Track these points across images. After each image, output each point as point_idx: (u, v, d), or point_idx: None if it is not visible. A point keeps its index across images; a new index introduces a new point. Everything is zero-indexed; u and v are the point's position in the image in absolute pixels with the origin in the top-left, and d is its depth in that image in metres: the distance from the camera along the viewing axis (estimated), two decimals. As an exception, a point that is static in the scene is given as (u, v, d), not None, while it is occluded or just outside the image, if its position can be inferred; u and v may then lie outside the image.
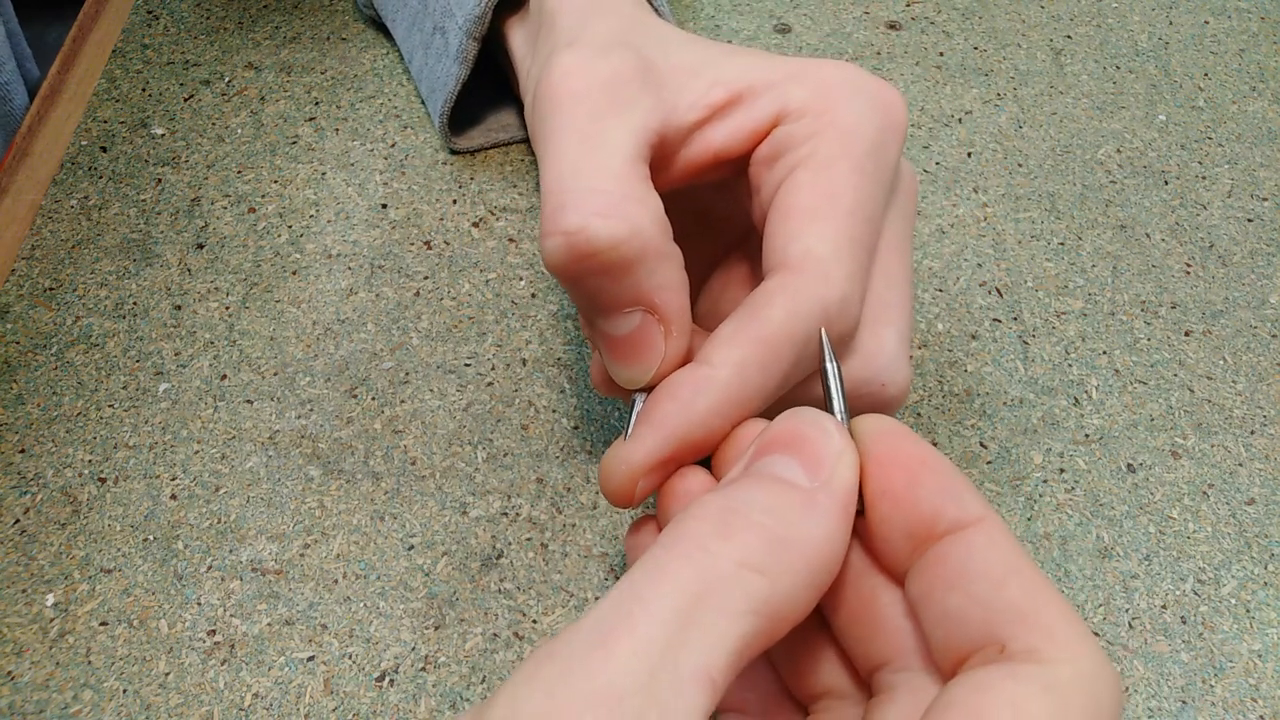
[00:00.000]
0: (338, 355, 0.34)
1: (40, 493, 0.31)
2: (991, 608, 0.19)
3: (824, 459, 0.20)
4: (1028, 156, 0.42)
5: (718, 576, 0.18)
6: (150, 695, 0.27)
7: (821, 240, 0.24)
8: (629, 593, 0.18)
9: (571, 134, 0.24)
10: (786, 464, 0.20)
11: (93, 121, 0.41)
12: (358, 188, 0.39)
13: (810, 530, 0.19)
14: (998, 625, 0.18)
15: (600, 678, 0.16)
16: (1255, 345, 0.36)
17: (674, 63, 0.26)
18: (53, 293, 0.35)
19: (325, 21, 0.45)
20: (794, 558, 0.19)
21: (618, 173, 0.23)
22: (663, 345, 0.24)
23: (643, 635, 0.17)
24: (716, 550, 0.18)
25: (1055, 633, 0.18)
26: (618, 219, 0.22)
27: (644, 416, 0.23)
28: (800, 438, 0.21)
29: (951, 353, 0.35)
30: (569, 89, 0.24)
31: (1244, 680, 0.29)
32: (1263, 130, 0.43)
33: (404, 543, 0.30)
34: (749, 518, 0.19)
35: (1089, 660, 0.18)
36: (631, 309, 0.23)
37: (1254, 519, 0.32)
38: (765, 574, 0.18)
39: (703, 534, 0.18)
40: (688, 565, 0.18)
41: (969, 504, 0.20)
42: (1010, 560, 0.19)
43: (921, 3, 0.48)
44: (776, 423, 0.21)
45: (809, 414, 0.21)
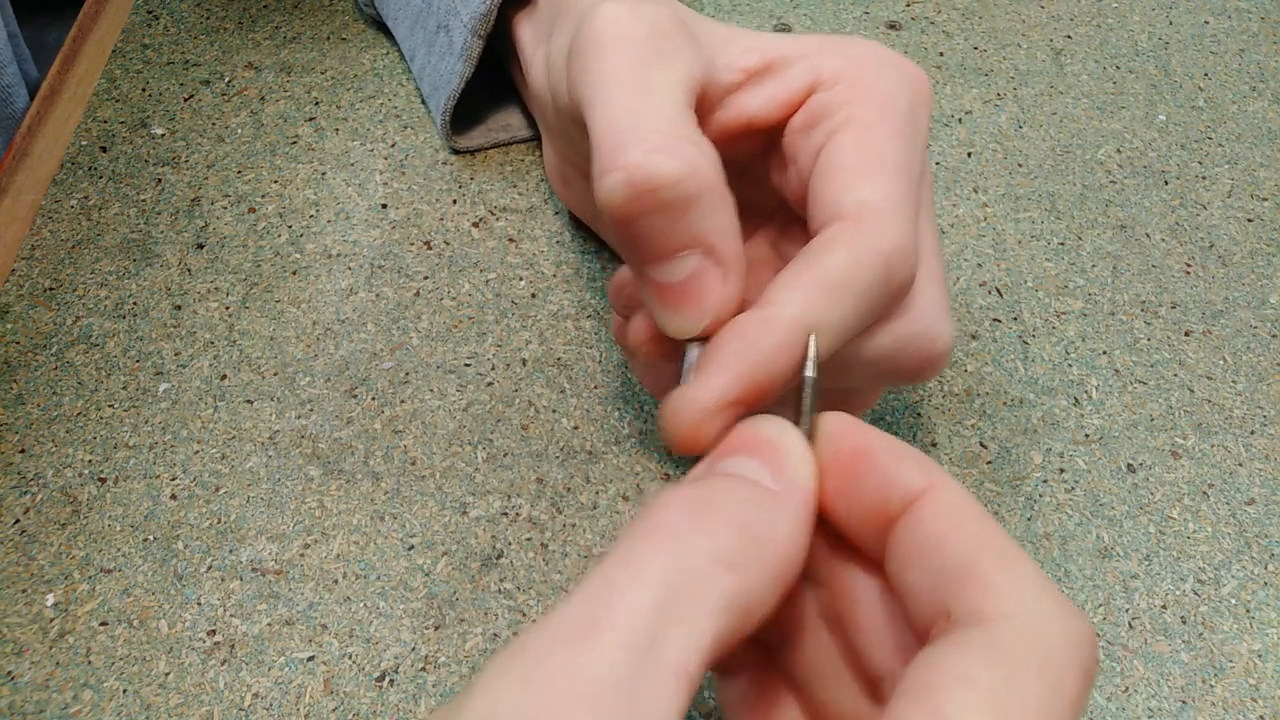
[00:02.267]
0: (338, 355, 0.34)
1: (40, 493, 0.31)
2: (936, 574, 0.18)
3: (786, 461, 0.20)
4: (1028, 156, 0.42)
5: (694, 570, 0.18)
6: (150, 695, 0.27)
7: (875, 192, 0.24)
8: (605, 584, 0.18)
9: (624, 76, 0.24)
10: (750, 465, 0.20)
11: (93, 121, 0.41)
12: (358, 188, 0.39)
13: (778, 528, 0.19)
14: (945, 591, 0.18)
15: (580, 671, 0.16)
16: (1255, 345, 0.36)
17: (705, 29, 0.27)
18: (53, 293, 0.35)
19: (325, 21, 0.45)
20: (764, 554, 0.19)
21: (672, 115, 0.23)
22: (720, 289, 0.23)
23: (622, 628, 0.17)
24: (692, 543, 0.18)
25: (998, 589, 0.18)
26: (679, 156, 0.23)
27: (708, 359, 0.22)
28: (762, 441, 0.21)
29: (951, 352, 0.35)
30: (616, 34, 0.24)
31: (1244, 680, 0.29)
32: (1263, 130, 0.43)
33: (404, 543, 0.30)
34: (723, 512, 0.19)
35: (1044, 619, 0.17)
36: (688, 252, 0.23)
37: (1254, 519, 0.32)
38: (738, 570, 0.18)
39: (678, 525, 0.18)
40: (664, 557, 0.18)
41: (911, 477, 0.20)
42: (953, 521, 0.19)
43: (921, 3, 0.48)
44: (738, 428, 0.22)
45: (770, 420, 0.21)
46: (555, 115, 0.30)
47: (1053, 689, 0.17)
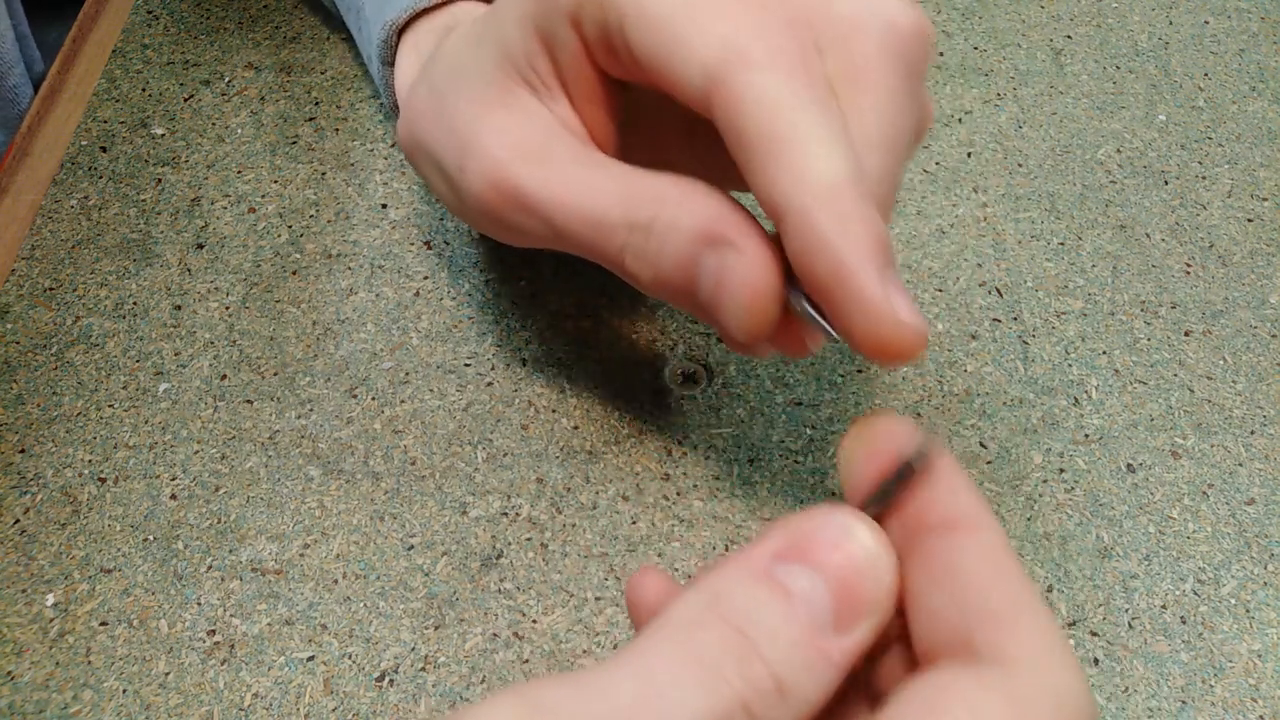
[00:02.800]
0: (338, 355, 0.34)
1: (40, 493, 0.31)
2: (970, 609, 0.18)
3: (858, 606, 0.18)
4: (1028, 156, 0.42)
5: (725, 711, 0.17)
6: (150, 695, 0.27)
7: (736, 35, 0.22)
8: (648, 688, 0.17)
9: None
10: (817, 588, 0.18)
11: (93, 121, 0.41)
12: (358, 188, 0.39)
13: (812, 685, 0.18)
14: (973, 627, 0.18)
15: None
16: (1255, 345, 0.36)
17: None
18: (53, 293, 0.35)
19: (325, 22, 0.45)
20: (789, 710, 0.18)
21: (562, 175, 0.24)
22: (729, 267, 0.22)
23: None
24: (734, 687, 0.17)
25: (1028, 641, 0.18)
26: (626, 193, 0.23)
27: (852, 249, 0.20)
28: (845, 571, 0.19)
29: (951, 353, 0.35)
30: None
31: (1244, 680, 0.29)
32: (1263, 130, 0.43)
33: (404, 543, 0.30)
34: (764, 653, 0.18)
35: (1059, 674, 0.17)
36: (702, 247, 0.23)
37: (1254, 519, 0.32)
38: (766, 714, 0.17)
39: (726, 661, 0.17)
40: (708, 693, 0.17)
41: (963, 503, 0.19)
42: (996, 566, 0.19)
43: (921, 3, 0.48)
44: (819, 521, 0.19)
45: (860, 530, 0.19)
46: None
47: None
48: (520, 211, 0.26)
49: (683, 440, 0.33)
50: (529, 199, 0.25)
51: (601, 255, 0.25)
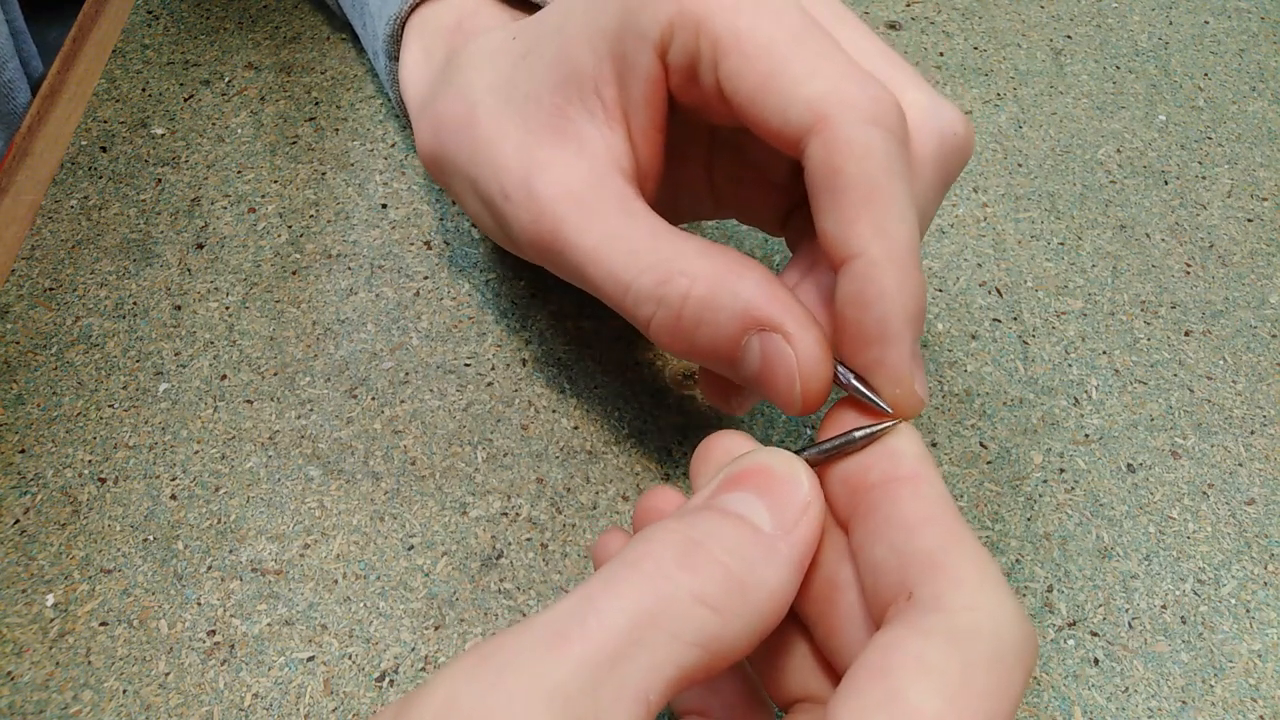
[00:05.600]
0: (338, 355, 0.34)
1: (40, 493, 0.31)
2: (905, 556, 0.19)
3: (791, 507, 0.20)
4: (1028, 156, 0.42)
5: (673, 604, 0.18)
6: (150, 695, 0.27)
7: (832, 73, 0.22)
8: (585, 602, 0.18)
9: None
10: (752, 504, 0.20)
11: (93, 121, 0.41)
12: (358, 188, 0.39)
13: (766, 577, 0.19)
14: (910, 573, 0.19)
15: (547, 677, 0.17)
16: (1255, 345, 0.36)
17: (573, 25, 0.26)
18: (53, 293, 0.35)
19: (325, 21, 0.45)
20: (747, 601, 0.19)
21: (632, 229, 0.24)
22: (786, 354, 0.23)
23: (594, 644, 0.17)
24: (676, 579, 0.18)
25: (962, 581, 0.18)
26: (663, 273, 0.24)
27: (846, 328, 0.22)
28: (771, 479, 0.20)
29: (951, 353, 0.35)
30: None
31: (1244, 680, 0.29)
32: (1263, 130, 0.43)
33: (404, 543, 0.30)
34: (712, 553, 0.19)
35: (996, 608, 0.18)
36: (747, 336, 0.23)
37: (1254, 519, 0.32)
38: (718, 612, 0.18)
39: (665, 559, 0.19)
40: (647, 586, 0.18)
41: (901, 459, 0.20)
42: (930, 510, 0.19)
43: (921, 3, 0.48)
44: (748, 457, 0.21)
45: (782, 455, 0.21)
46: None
47: (1002, 684, 0.17)
48: (554, 254, 0.26)
49: (683, 440, 0.33)
50: (567, 247, 0.25)
51: (627, 316, 0.25)
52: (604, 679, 0.17)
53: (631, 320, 0.25)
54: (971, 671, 0.17)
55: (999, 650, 0.18)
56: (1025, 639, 0.18)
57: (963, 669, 0.17)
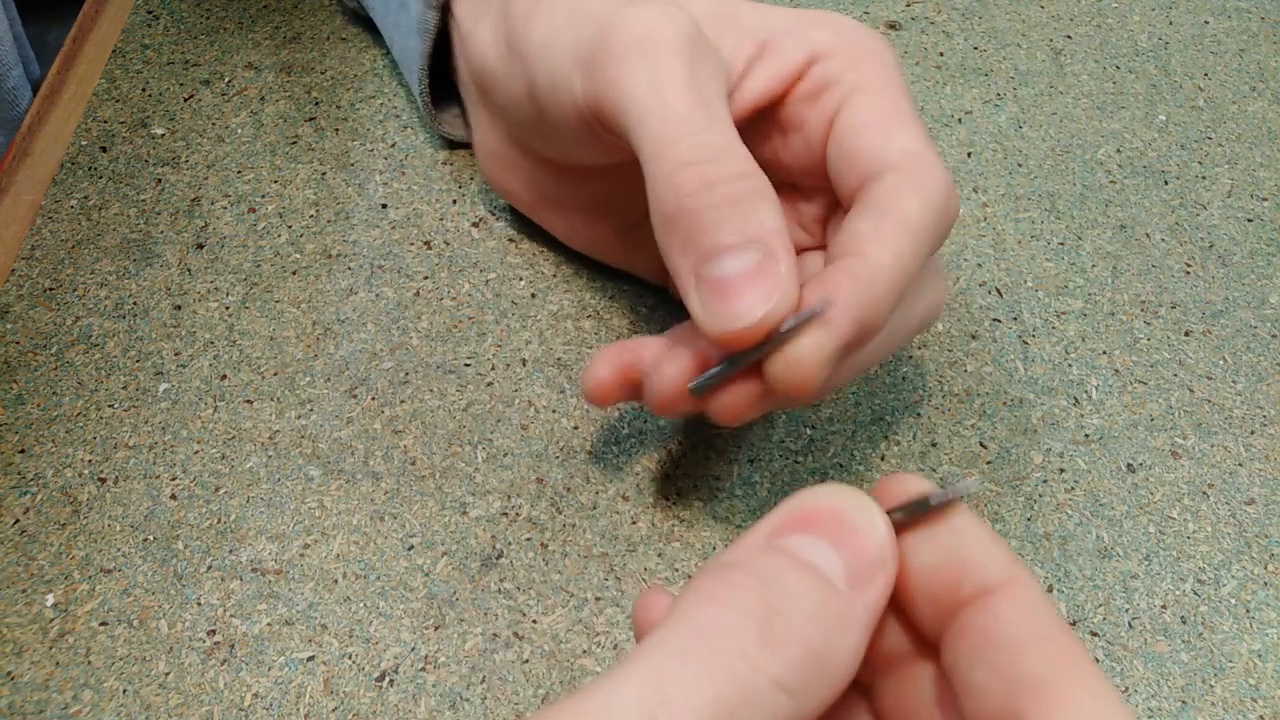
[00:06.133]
0: (338, 355, 0.34)
1: (40, 493, 0.31)
2: (1011, 680, 0.17)
3: (868, 560, 0.18)
4: (1028, 156, 0.42)
5: (754, 693, 0.17)
6: (150, 695, 0.27)
7: (915, 139, 0.26)
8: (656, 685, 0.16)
9: (681, 87, 0.25)
10: (825, 554, 0.18)
11: (93, 121, 0.41)
12: (358, 188, 0.39)
13: (843, 644, 0.18)
14: (1016, 697, 0.17)
15: None
16: (1255, 345, 0.36)
17: (695, 16, 0.28)
18: (53, 293, 0.35)
19: (325, 21, 0.45)
20: (823, 675, 0.17)
21: (727, 123, 0.25)
22: (780, 276, 0.24)
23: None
24: (759, 664, 0.17)
25: (1076, 709, 0.17)
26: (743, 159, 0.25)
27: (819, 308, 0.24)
28: (844, 524, 0.19)
29: (951, 353, 0.35)
30: (662, 44, 0.26)
31: (1244, 680, 0.29)
32: (1263, 130, 0.43)
33: (404, 543, 0.30)
34: (793, 625, 0.17)
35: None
36: (748, 246, 0.24)
37: (1254, 519, 0.32)
38: (795, 695, 0.17)
39: (744, 635, 0.17)
40: (723, 671, 0.17)
41: (992, 566, 0.18)
42: (1034, 627, 0.18)
43: (921, 3, 0.48)
44: (814, 494, 0.19)
45: (855, 497, 0.19)
46: (528, 102, 0.30)
47: None
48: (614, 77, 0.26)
49: (683, 440, 0.33)
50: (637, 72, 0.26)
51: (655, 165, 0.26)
52: None
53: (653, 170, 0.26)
54: None
55: None
56: None
57: None
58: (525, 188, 0.35)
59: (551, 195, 0.35)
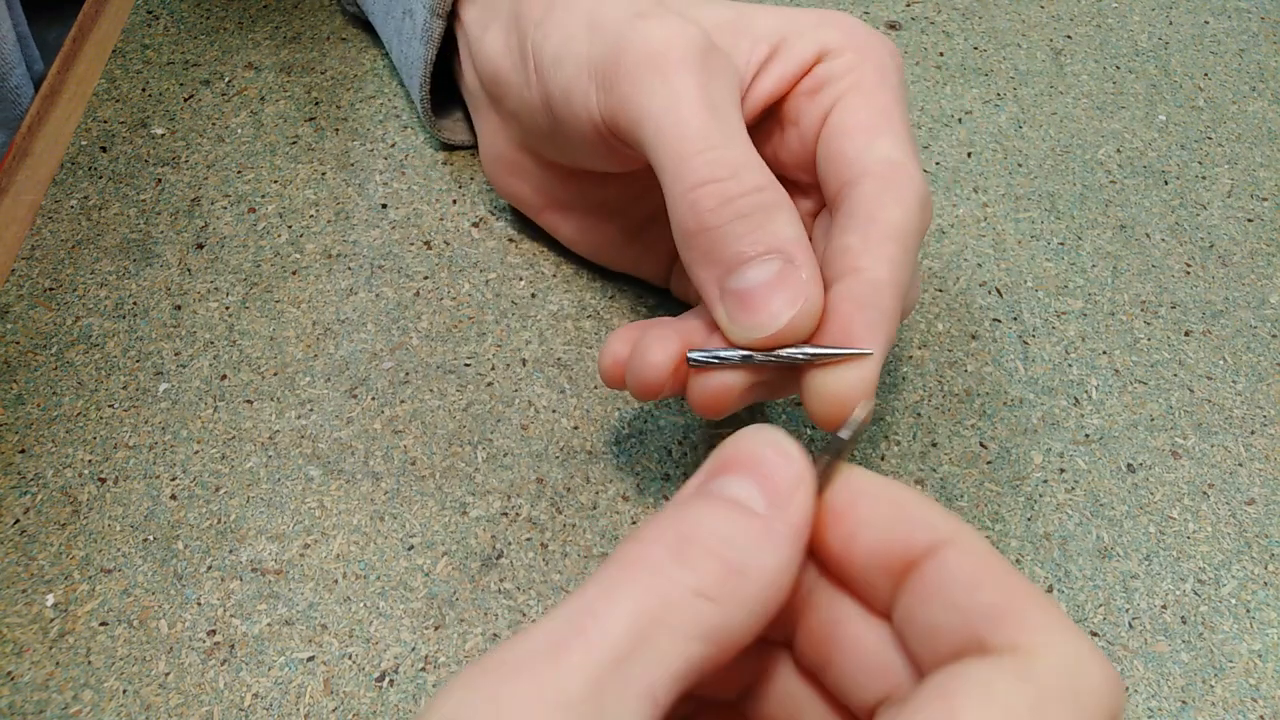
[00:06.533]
0: (338, 355, 0.34)
1: (40, 493, 0.31)
2: (969, 612, 0.18)
3: (781, 485, 0.20)
4: (1028, 156, 0.42)
5: (673, 601, 0.18)
6: (150, 695, 0.27)
7: (896, 147, 0.27)
8: (582, 607, 0.18)
9: (695, 100, 0.26)
10: (743, 486, 0.20)
11: (93, 121, 0.41)
12: (358, 188, 0.39)
13: (764, 560, 0.19)
14: (976, 626, 0.18)
15: (549, 686, 0.16)
16: (1255, 345, 0.36)
17: (707, 27, 0.29)
18: (53, 293, 0.35)
19: (325, 21, 0.45)
20: (747, 588, 0.19)
21: (741, 134, 0.26)
22: (802, 282, 0.25)
23: (595, 649, 0.17)
24: (673, 576, 0.18)
25: (1034, 626, 0.18)
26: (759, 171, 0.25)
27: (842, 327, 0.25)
28: (759, 459, 0.20)
29: (951, 353, 0.35)
30: (676, 58, 0.26)
31: (1244, 680, 0.29)
32: (1263, 130, 0.43)
33: (404, 543, 0.30)
34: (706, 545, 0.19)
35: (1072, 650, 0.17)
36: (768, 256, 0.25)
37: (1254, 519, 0.32)
38: (718, 602, 0.18)
39: (659, 558, 0.18)
40: (644, 587, 0.18)
41: (935, 525, 0.20)
42: (985, 565, 0.19)
43: (921, 3, 0.48)
44: (735, 440, 0.21)
45: (770, 433, 0.21)
46: (544, 111, 0.30)
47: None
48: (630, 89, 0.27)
49: (683, 440, 0.33)
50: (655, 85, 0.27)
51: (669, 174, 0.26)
52: (608, 684, 0.17)
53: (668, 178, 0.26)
54: (1042, 708, 0.16)
55: (1077, 692, 0.17)
56: (1109, 684, 0.17)
57: (1033, 704, 0.16)
58: (533, 192, 0.35)
59: (559, 199, 0.35)
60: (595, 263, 0.36)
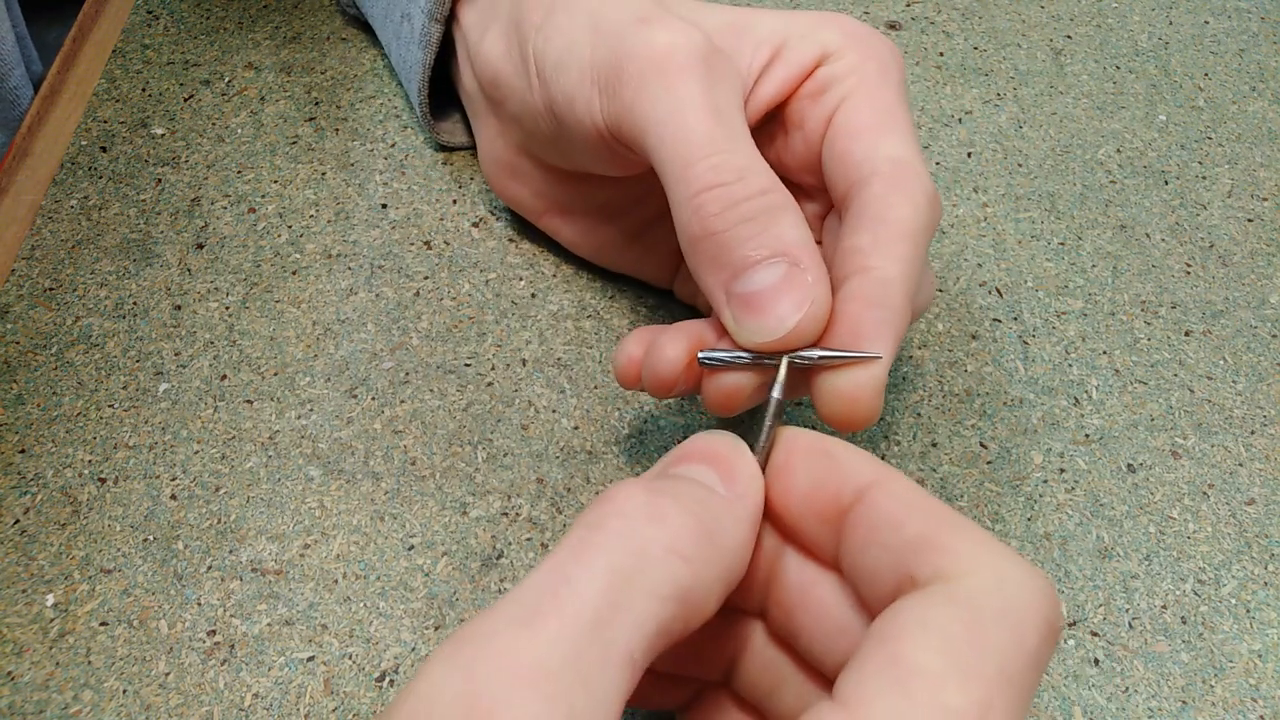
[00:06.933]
0: (338, 355, 0.34)
1: (40, 493, 0.31)
2: (898, 549, 0.19)
3: (739, 474, 0.21)
4: (1028, 156, 0.42)
5: (647, 558, 0.18)
6: (150, 695, 0.27)
7: (902, 146, 0.27)
8: (555, 572, 0.18)
9: (700, 106, 0.26)
10: (704, 473, 0.21)
11: (93, 121, 0.41)
12: (358, 188, 0.39)
13: (731, 529, 0.20)
14: (905, 562, 0.19)
15: (525, 656, 0.17)
16: (1255, 345, 0.36)
17: (709, 30, 0.29)
18: (53, 293, 0.35)
19: (325, 21, 0.45)
20: (716, 550, 0.19)
21: (746, 138, 0.26)
22: (809, 285, 0.25)
23: (570, 614, 0.17)
24: (648, 533, 0.19)
25: (956, 551, 0.18)
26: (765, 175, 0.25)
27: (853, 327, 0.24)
28: (717, 454, 0.22)
29: (951, 353, 0.35)
30: (679, 63, 0.26)
31: (1244, 680, 0.29)
32: (1263, 130, 0.43)
33: (404, 543, 0.30)
34: (680, 503, 0.19)
35: (996, 567, 0.18)
36: (774, 260, 0.25)
37: (1254, 519, 0.32)
38: (691, 562, 0.19)
39: (633, 516, 0.19)
40: (617, 545, 0.18)
41: (864, 468, 0.21)
42: (906, 501, 0.20)
43: (921, 3, 0.48)
44: (692, 440, 0.22)
45: (725, 436, 0.22)
46: (546, 115, 0.30)
47: (1013, 640, 0.17)
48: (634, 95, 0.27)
49: (682, 440, 0.33)
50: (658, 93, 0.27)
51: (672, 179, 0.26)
52: (586, 648, 0.17)
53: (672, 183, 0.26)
54: (977, 628, 0.17)
55: (1006, 607, 0.17)
56: (1038, 593, 0.18)
57: (967, 626, 0.17)
58: (533, 195, 0.35)
59: (560, 202, 0.35)
60: (596, 264, 0.36)
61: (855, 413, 0.24)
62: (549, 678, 0.16)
